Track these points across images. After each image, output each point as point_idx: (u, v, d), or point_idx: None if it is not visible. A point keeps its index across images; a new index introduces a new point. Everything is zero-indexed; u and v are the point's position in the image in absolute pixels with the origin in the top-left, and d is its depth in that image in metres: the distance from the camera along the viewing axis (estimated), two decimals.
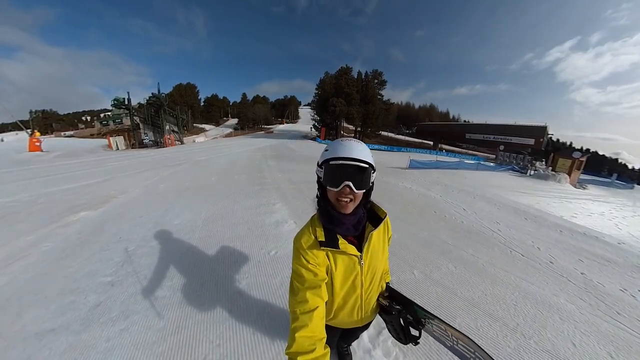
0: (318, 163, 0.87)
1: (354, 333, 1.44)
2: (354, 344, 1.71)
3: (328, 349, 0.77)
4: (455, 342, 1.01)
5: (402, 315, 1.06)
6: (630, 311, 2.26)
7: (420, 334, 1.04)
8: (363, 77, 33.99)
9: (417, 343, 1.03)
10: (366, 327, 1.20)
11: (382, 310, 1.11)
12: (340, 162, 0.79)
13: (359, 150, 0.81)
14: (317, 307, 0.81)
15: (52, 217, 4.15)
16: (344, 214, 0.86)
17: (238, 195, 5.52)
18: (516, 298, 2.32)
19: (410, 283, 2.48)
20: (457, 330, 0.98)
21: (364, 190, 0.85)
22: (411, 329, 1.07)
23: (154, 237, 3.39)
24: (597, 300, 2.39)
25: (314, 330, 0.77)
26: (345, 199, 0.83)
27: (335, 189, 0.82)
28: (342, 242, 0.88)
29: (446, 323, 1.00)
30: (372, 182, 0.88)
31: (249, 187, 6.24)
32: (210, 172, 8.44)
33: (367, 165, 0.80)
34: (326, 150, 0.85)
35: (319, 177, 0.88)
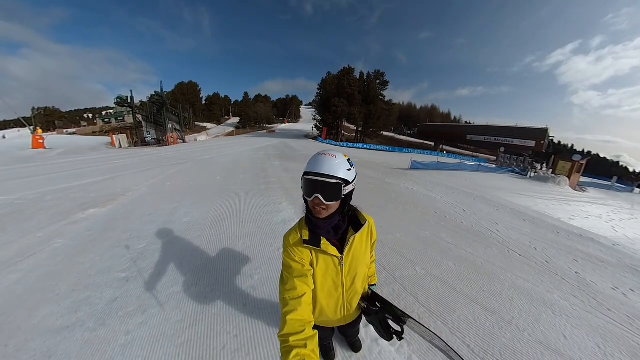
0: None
1: (352, 328, 1.54)
2: (362, 334, 1.85)
3: (316, 332, 0.83)
4: (432, 339, 1.13)
5: (380, 315, 1.16)
6: (621, 308, 2.39)
7: (402, 329, 1.14)
8: (365, 77, 33.99)
9: (401, 338, 1.13)
10: (357, 322, 1.37)
11: (362, 311, 1.22)
12: (311, 177, 0.88)
13: (330, 166, 0.88)
14: (305, 293, 0.89)
15: (60, 215, 4.18)
16: (320, 219, 0.96)
17: (244, 194, 5.64)
18: (512, 294, 2.45)
19: (413, 278, 2.61)
20: (429, 329, 1.12)
21: (338, 201, 0.92)
22: (394, 325, 1.17)
23: (165, 235, 3.47)
24: (589, 297, 2.52)
25: (303, 314, 0.84)
26: (318, 208, 0.92)
27: (309, 199, 0.93)
28: (324, 242, 0.96)
29: (420, 323, 1.13)
30: (350, 193, 0.95)
31: (255, 186, 6.35)
32: (215, 171, 8.56)
33: (335, 181, 0.87)
34: (308, 163, 0.93)
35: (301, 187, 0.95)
